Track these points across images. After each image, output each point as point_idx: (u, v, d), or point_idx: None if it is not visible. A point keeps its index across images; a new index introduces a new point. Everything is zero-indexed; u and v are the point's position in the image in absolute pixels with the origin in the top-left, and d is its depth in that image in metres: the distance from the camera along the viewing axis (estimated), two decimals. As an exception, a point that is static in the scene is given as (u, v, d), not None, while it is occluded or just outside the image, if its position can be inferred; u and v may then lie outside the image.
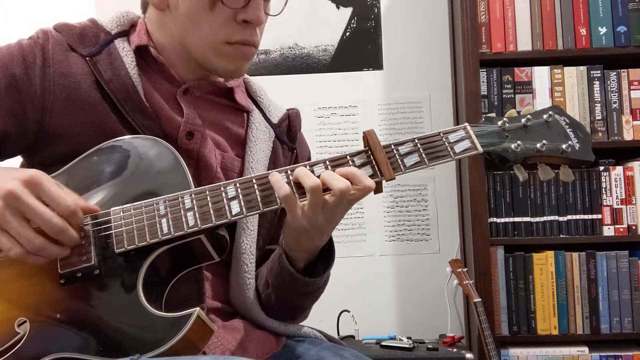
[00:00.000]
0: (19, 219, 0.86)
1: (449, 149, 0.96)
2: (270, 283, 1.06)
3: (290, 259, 1.02)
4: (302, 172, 0.93)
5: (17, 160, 1.09)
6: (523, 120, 1.00)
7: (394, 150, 0.96)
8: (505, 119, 1.00)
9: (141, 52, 1.08)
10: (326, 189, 0.91)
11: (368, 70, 2.60)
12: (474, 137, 0.97)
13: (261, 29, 1.08)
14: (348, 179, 0.92)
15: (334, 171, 0.93)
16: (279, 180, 0.92)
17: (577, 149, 0.99)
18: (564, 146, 0.98)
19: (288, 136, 1.19)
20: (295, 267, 1.02)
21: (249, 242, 1.08)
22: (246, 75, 1.22)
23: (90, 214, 0.93)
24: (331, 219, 0.94)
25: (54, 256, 0.89)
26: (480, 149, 0.96)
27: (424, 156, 0.95)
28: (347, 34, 2.62)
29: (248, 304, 1.07)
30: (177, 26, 1.06)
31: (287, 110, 1.22)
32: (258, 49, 1.10)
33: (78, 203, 0.90)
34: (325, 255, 1.05)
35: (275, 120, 1.18)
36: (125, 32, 1.11)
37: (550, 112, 1.01)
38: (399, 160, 0.95)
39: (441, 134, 0.97)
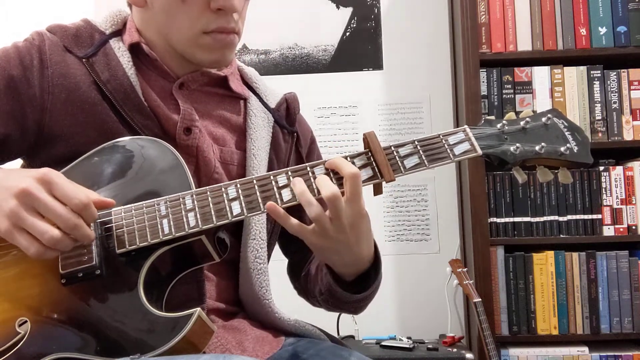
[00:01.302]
0: (34, 215, 0.85)
1: (449, 151, 0.96)
2: (325, 292, 1.07)
3: (334, 273, 1.03)
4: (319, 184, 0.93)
5: (17, 163, 1.09)
6: (522, 122, 1.00)
7: (394, 152, 0.96)
8: (504, 121, 1.00)
9: (134, 50, 1.08)
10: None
11: (368, 70, 2.60)
12: (473, 139, 0.97)
13: (241, 16, 1.07)
14: (337, 170, 0.93)
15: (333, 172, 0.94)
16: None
17: (575, 151, 0.99)
18: (562, 149, 0.98)
19: (287, 120, 1.19)
20: (344, 281, 1.03)
21: (258, 228, 1.08)
22: (240, 64, 1.22)
23: (104, 209, 0.92)
24: (338, 229, 0.93)
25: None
26: (480, 152, 0.96)
27: (423, 158, 0.95)
28: (347, 34, 2.62)
29: (257, 290, 1.07)
30: (156, 22, 1.06)
31: (284, 94, 1.21)
32: (241, 36, 1.08)
33: (91, 197, 0.89)
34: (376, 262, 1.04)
35: (273, 105, 1.18)
36: (119, 32, 1.11)
37: (549, 115, 1.01)
38: (399, 162, 0.95)
39: (441, 136, 0.97)
